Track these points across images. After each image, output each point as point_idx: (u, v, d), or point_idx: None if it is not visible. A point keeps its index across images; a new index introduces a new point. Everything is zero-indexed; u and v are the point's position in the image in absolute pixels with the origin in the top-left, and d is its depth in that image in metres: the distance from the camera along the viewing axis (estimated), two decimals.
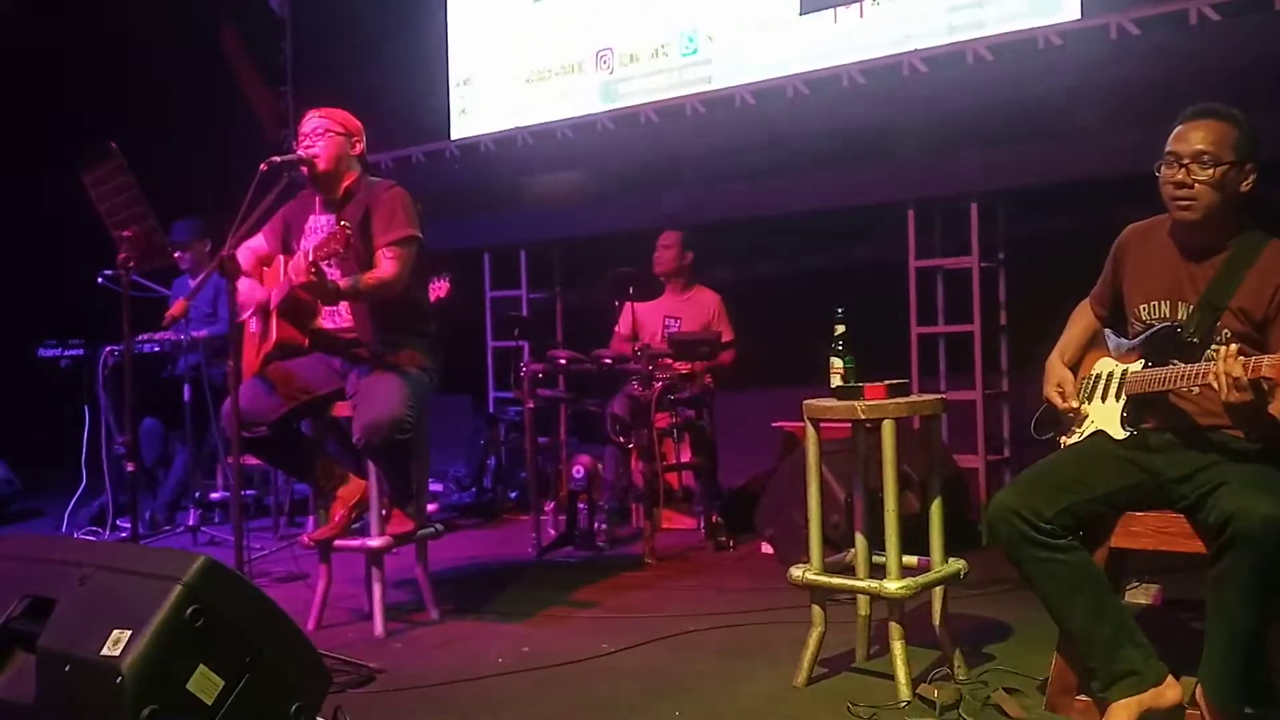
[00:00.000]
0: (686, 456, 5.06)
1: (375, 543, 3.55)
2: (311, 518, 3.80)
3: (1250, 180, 2.46)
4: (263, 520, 5.55)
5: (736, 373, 5.30)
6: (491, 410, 6.66)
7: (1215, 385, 2.26)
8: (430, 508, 4.15)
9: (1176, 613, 3.38)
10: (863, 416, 2.90)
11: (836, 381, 2.98)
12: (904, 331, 5.13)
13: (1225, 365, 2.23)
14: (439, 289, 4.83)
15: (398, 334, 3.56)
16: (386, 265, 3.47)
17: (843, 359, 2.99)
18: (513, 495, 5.99)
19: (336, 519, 3.58)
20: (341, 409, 3.58)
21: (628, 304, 5.19)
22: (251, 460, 4.00)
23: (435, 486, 6.09)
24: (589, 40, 6.13)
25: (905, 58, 4.97)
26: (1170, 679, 2.43)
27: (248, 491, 5.72)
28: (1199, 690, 2.36)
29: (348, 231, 3.23)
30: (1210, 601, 2.31)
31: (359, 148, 3.66)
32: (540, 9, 6.38)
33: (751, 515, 4.74)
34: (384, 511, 3.58)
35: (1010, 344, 5.09)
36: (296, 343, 3.52)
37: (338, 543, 3.61)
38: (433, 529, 3.79)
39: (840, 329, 3.01)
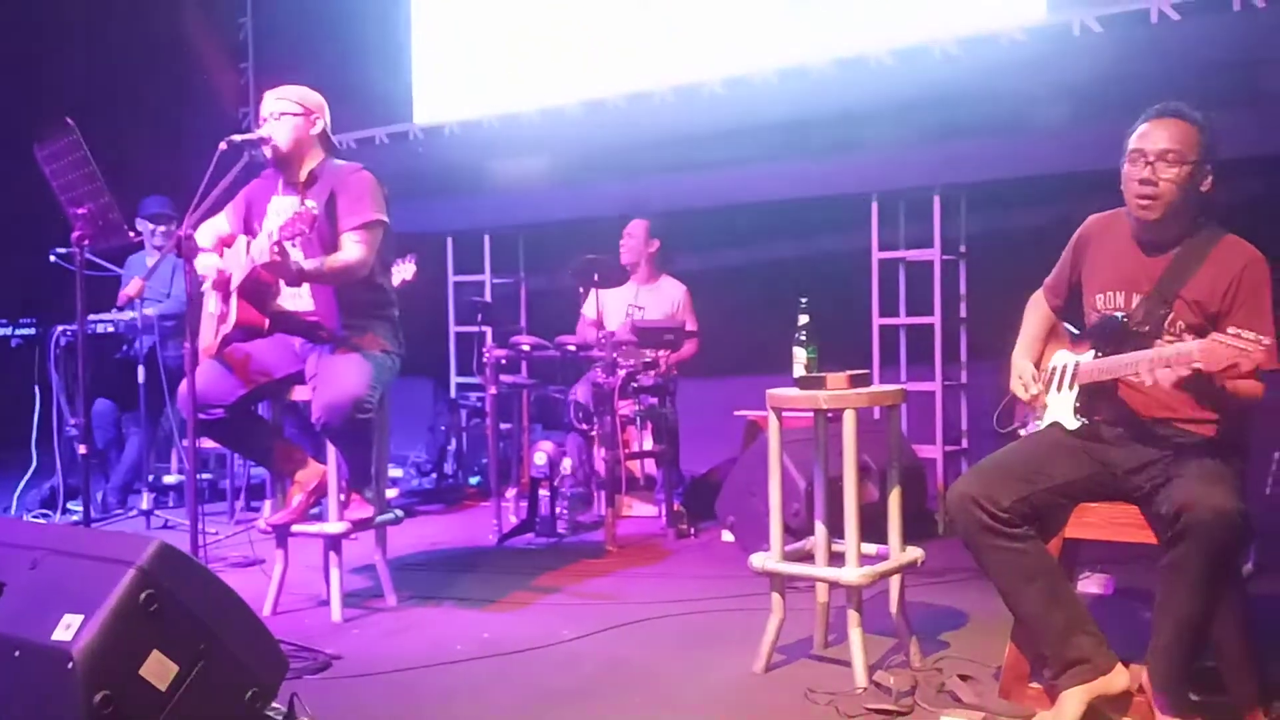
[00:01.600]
0: (649, 444, 5.07)
1: (334, 528, 3.53)
2: (268, 502, 3.76)
3: (1209, 180, 2.50)
4: (218, 504, 5.49)
5: (699, 361, 5.31)
6: (453, 395, 6.63)
7: (1153, 372, 2.30)
8: (390, 493, 4.11)
9: (1127, 602, 3.45)
10: (825, 406, 2.92)
11: (799, 371, 3.00)
12: (866, 322, 5.16)
13: (1158, 352, 2.28)
14: (405, 271, 4.80)
15: (361, 317, 3.53)
16: (352, 249, 3.44)
17: (806, 349, 3.00)
18: (474, 481, 5.96)
19: (294, 504, 3.55)
20: (301, 392, 3.55)
21: (593, 290, 5.17)
22: (207, 443, 3.95)
23: (395, 472, 6.05)
24: (559, 25, 6.08)
25: (872, 51, 4.99)
26: (1120, 666, 2.47)
27: (203, 475, 5.66)
28: (1146, 678, 2.41)
29: (314, 213, 3.19)
30: (1160, 590, 2.35)
31: (319, 126, 3.60)
32: None
33: (713, 503, 4.75)
34: (343, 496, 3.55)
35: (970, 336, 5.14)
36: (256, 324, 3.47)
37: (295, 528, 3.58)
38: (392, 515, 3.76)
39: (803, 319, 3.02)
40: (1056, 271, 2.80)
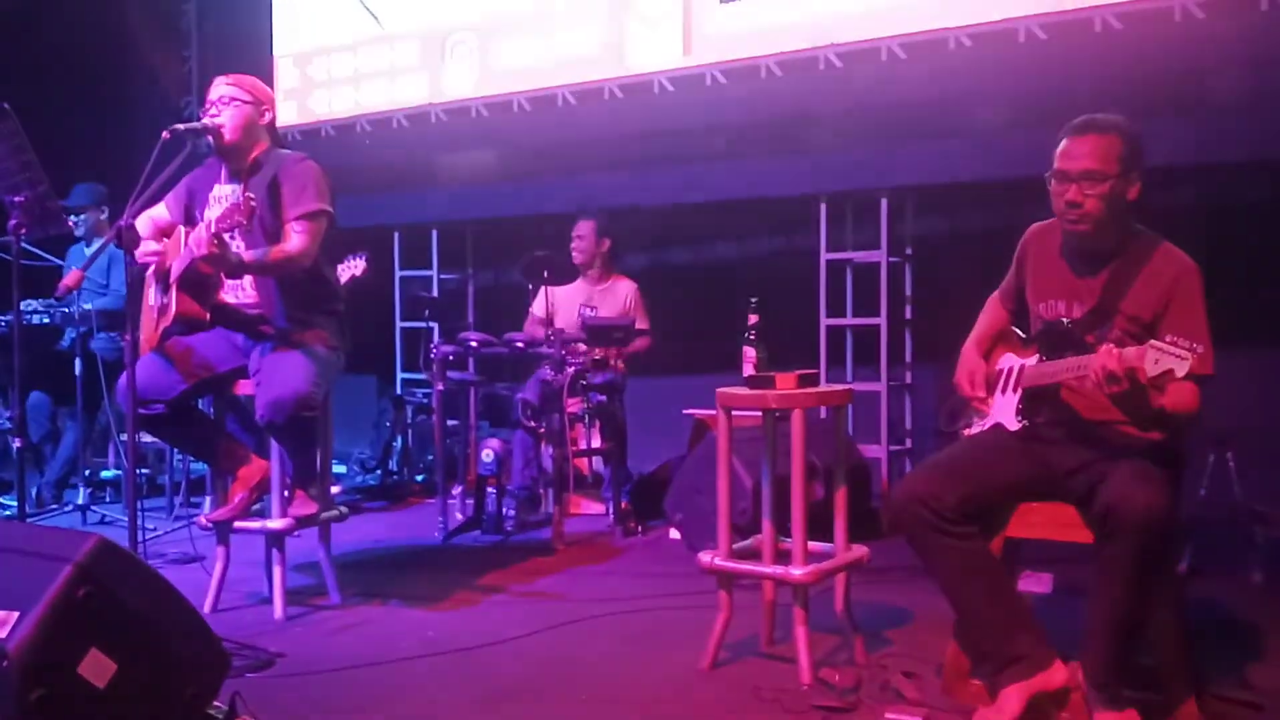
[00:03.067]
0: (597, 442, 5.06)
1: (276, 524, 3.48)
2: (209, 498, 3.71)
3: (1136, 188, 2.54)
4: (157, 500, 5.40)
5: (648, 359, 5.32)
6: (399, 391, 6.57)
7: (1093, 378, 2.34)
8: (333, 490, 4.07)
9: (1066, 600, 3.51)
10: (774, 406, 2.94)
11: (748, 370, 3.01)
12: (813, 322, 5.20)
13: (1100, 359, 2.32)
14: (355, 268, 4.74)
15: (305, 311, 3.48)
16: (295, 239, 3.39)
17: (755, 348, 3.02)
18: (419, 478, 5.92)
19: (236, 500, 3.50)
20: (243, 387, 3.50)
21: (542, 288, 5.16)
22: (147, 438, 3.88)
23: (339, 468, 5.99)
24: (508, 18, 6.05)
25: (821, 52, 5.03)
26: (1059, 663, 2.51)
27: (142, 470, 5.55)
28: (1080, 673, 2.46)
29: (252, 203, 3.14)
30: (1093, 586, 2.41)
31: (268, 117, 3.56)
32: None
33: (661, 501, 4.76)
34: (286, 492, 3.50)
35: (915, 337, 5.21)
36: (197, 317, 3.41)
37: (237, 524, 3.53)
38: (336, 511, 3.72)
39: (753, 319, 3.04)
40: (1006, 280, 2.85)
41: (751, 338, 3.03)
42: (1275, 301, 4.31)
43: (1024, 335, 2.78)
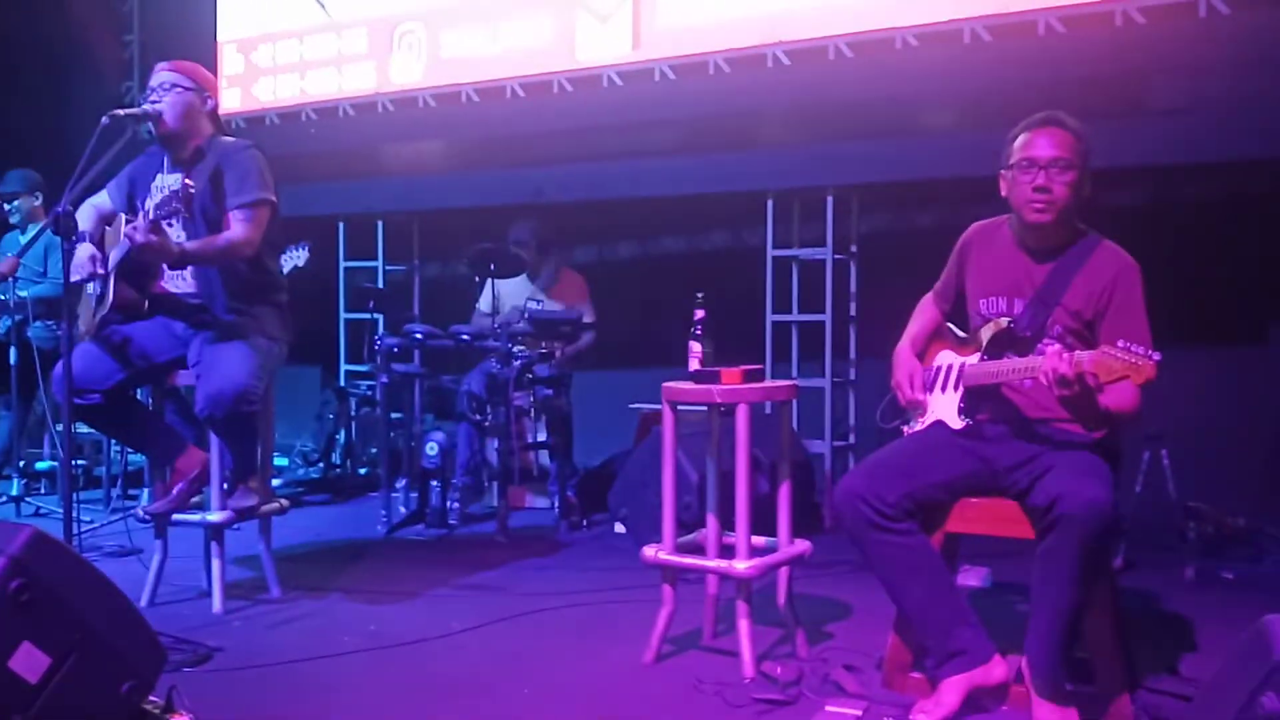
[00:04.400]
0: (543, 436, 5.05)
1: (216, 517, 3.43)
2: (147, 490, 3.64)
3: (1088, 186, 2.60)
4: (94, 491, 5.30)
5: (596, 353, 5.31)
6: (342, 383, 6.49)
7: (1043, 380, 2.39)
8: (274, 482, 4.02)
9: (1005, 594, 3.57)
10: (719, 401, 2.95)
11: (694, 365, 3.02)
12: (759, 318, 5.23)
13: (1051, 363, 2.36)
14: (297, 259, 4.68)
15: (247, 302, 3.42)
16: (237, 228, 3.33)
17: (701, 343, 3.03)
18: (362, 471, 5.86)
19: (174, 492, 3.44)
20: (182, 377, 3.44)
21: (488, 283, 5.13)
22: (84, 428, 3.81)
23: (280, 460, 5.91)
24: (457, 8, 6.00)
25: (769, 49, 5.05)
26: (998, 657, 2.56)
27: (78, 461, 5.44)
28: (1024, 666, 2.50)
29: (191, 189, 3.09)
30: (1035, 580, 2.44)
31: (211, 104, 3.50)
32: None
33: (606, 495, 4.76)
34: (226, 485, 3.45)
35: (859, 334, 5.26)
36: (136, 306, 3.35)
37: (175, 517, 3.48)
38: (277, 504, 3.67)
39: (699, 314, 3.05)
40: (944, 278, 2.89)
41: (698, 333, 3.04)
42: (1210, 301, 4.42)
43: (961, 332, 2.82)
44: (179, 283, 3.42)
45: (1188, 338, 4.08)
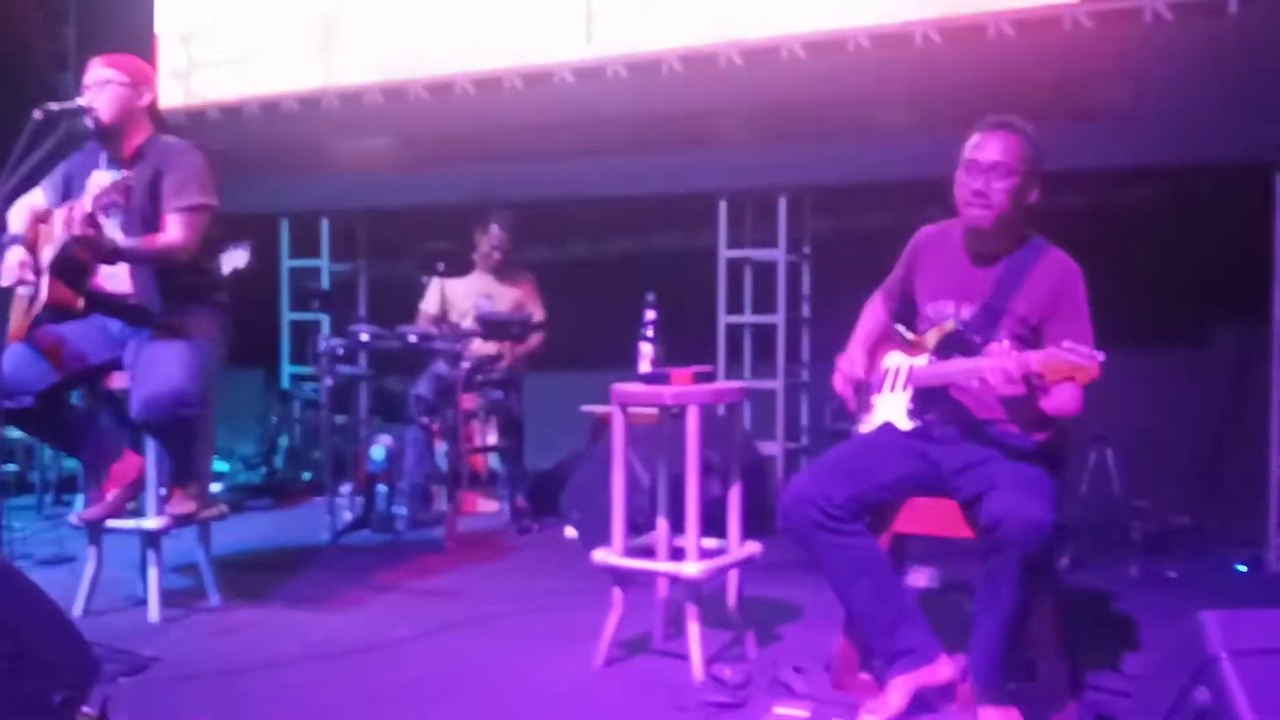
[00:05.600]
0: (493, 439, 4.99)
1: (152, 524, 3.35)
2: (81, 495, 3.54)
3: (1035, 194, 2.62)
4: (26, 498, 5.17)
5: (546, 355, 5.26)
6: (286, 386, 6.37)
7: (991, 380, 2.39)
8: (215, 488, 3.93)
9: (952, 594, 3.58)
10: (669, 403, 2.92)
11: (645, 367, 2.99)
12: (712, 319, 5.21)
13: (1000, 361, 2.36)
14: (237, 260, 4.57)
15: (184, 302, 3.34)
16: (174, 231, 3.26)
17: (652, 345, 3.00)
18: (307, 476, 5.76)
19: (109, 498, 3.35)
20: (118, 380, 3.34)
21: (436, 280, 5.05)
22: (15, 432, 3.70)
23: (221, 465, 5.79)
24: (404, 4, 5.92)
25: (723, 49, 5.04)
26: (944, 657, 2.57)
27: (9, 465, 5.29)
28: (968, 675, 2.51)
29: (129, 183, 3.00)
30: (980, 592, 2.46)
31: (148, 99, 3.42)
32: None
33: (558, 499, 4.72)
34: (163, 490, 3.37)
35: (812, 336, 5.26)
36: (70, 304, 3.25)
37: (110, 523, 3.38)
38: (216, 510, 3.59)
39: (650, 315, 3.02)
40: (891, 279, 2.89)
41: (649, 334, 3.01)
42: (1153, 303, 4.48)
43: (910, 334, 2.81)
44: (115, 282, 3.33)
45: (1132, 339, 4.11)
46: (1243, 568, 4.01)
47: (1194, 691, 1.76)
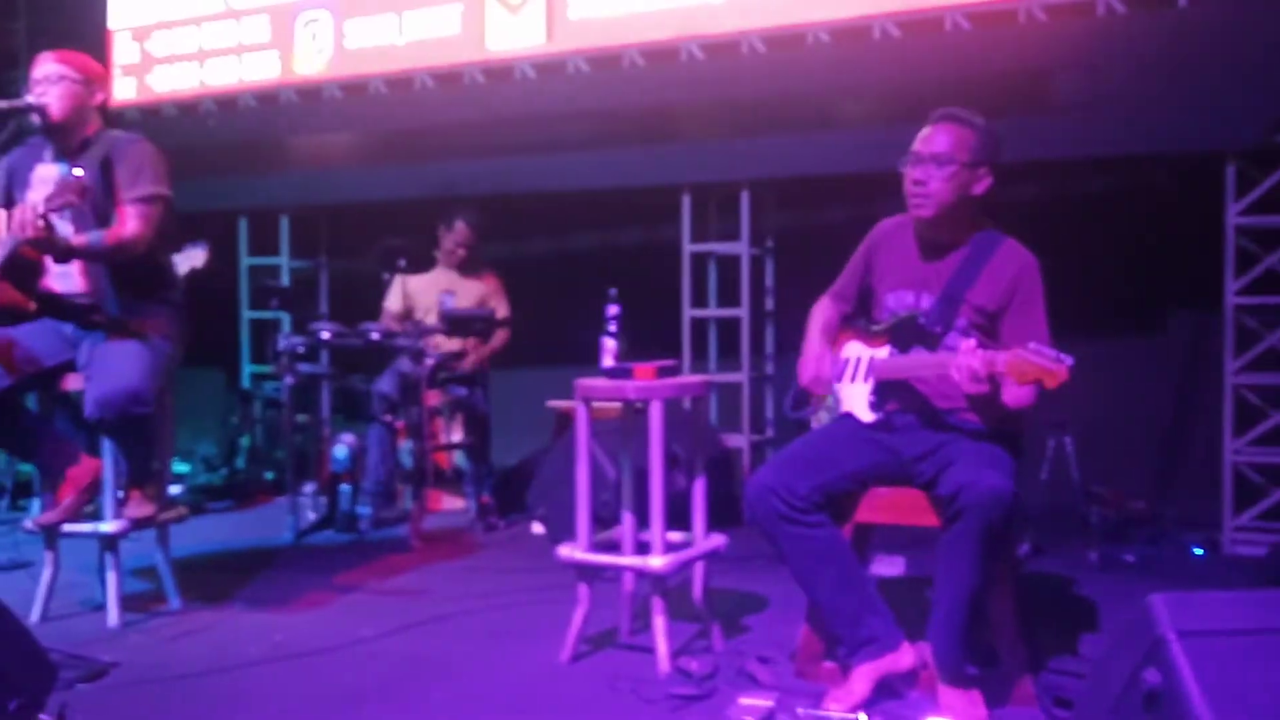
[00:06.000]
0: (457, 436, 4.96)
1: (109, 527, 3.29)
2: (37, 500, 3.48)
3: (985, 183, 2.63)
4: None
5: (511, 351, 5.23)
6: (246, 385, 6.30)
7: (955, 377, 2.41)
8: (175, 489, 3.88)
9: (915, 583, 3.61)
10: (632, 397, 2.92)
11: (608, 362, 2.99)
12: (677, 313, 5.22)
13: (966, 359, 2.38)
14: (194, 259, 4.50)
15: (139, 300, 3.28)
16: (130, 224, 3.20)
17: (615, 340, 3.00)
18: (268, 476, 5.70)
19: (65, 502, 3.28)
20: (72, 382, 3.29)
21: (398, 278, 5.01)
22: None
23: (181, 466, 5.72)
24: None
25: (683, 43, 5.04)
26: (906, 644, 2.60)
27: None
28: (928, 654, 2.53)
29: (83, 181, 2.95)
30: (939, 566, 2.48)
31: (99, 97, 3.36)
32: None
33: (524, 495, 4.70)
34: (121, 493, 3.32)
35: (776, 329, 5.28)
36: (21, 307, 3.19)
37: (67, 527, 3.32)
38: (175, 512, 3.54)
39: (613, 309, 3.02)
40: (846, 277, 2.89)
41: (612, 329, 3.00)
42: (1110, 292, 4.53)
43: (869, 325, 2.82)
44: (66, 281, 3.27)
45: (1090, 327, 4.17)
46: (1200, 551, 4.08)
47: (1144, 672, 1.79)
